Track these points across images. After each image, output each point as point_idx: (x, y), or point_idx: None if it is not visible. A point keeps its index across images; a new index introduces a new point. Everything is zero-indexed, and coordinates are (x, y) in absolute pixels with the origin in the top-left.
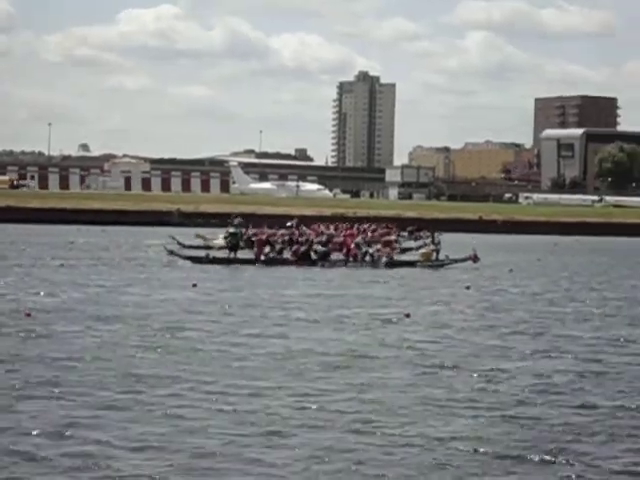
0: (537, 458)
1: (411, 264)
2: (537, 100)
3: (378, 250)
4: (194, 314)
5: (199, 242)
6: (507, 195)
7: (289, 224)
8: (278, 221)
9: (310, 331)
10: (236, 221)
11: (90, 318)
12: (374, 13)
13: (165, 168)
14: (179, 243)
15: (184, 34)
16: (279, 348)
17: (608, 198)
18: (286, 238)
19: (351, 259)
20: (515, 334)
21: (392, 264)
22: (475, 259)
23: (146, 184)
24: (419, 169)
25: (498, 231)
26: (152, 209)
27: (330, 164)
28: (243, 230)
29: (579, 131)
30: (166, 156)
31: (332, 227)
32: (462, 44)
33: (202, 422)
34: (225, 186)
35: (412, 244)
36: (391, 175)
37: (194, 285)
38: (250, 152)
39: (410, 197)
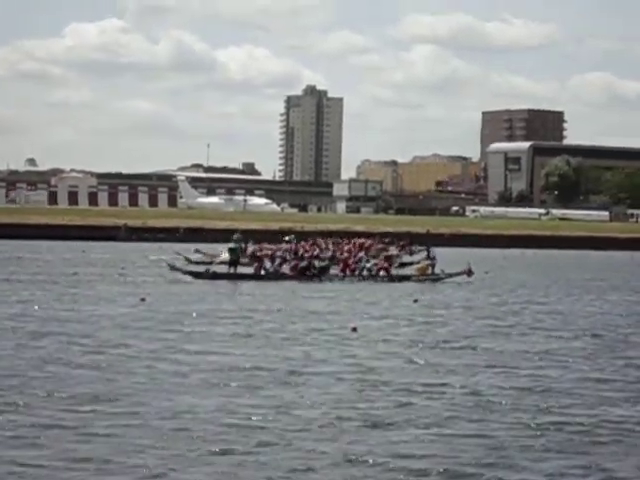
0: (466, 474)
1: (407, 278)
2: (484, 113)
3: (375, 264)
4: (128, 330)
5: (205, 258)
6: (454, 208)
7: (287, 239)
8: (224, 235)
9: (245, 347)
10: (235, 237)
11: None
12: (321, 26)
13: (112, 183)
14: (186, 258)
15: (130, 48)
16: (209, 365)
17: (554, 211)
18: (290, 253)
19: (349, 273)
20: (452, 349)
21: (390, 278)
22: (469, 273)
23: (93, 199)
24: (367, 183)
25: (445, 244)
26: (99, 224)
27: (278, 178)
28: (242, 245)
29: (526, 144)
30: (113, 170)
31: (330, 242)
32: (409, 57)
33: (136, 440)
34: (173, 201)
35: (409, 258)
36: (339, 189)
37: (142, 299)
38: (197, 166)
39: (358, 211)
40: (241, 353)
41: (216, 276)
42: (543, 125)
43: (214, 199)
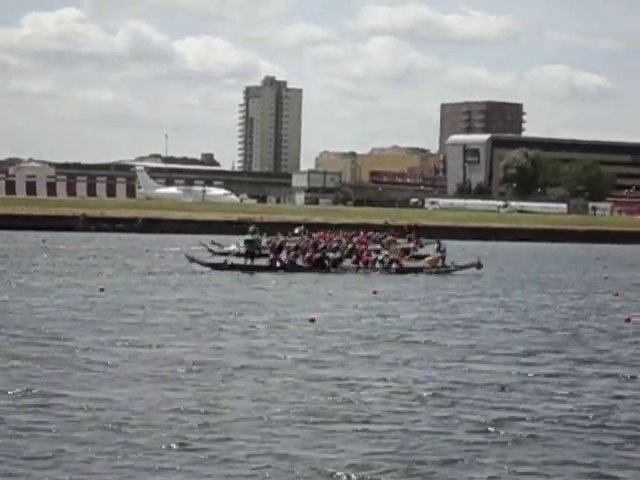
0: (389, 472)
1: (419, 270)
2: (443, 105)
3: (387, 256)
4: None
5: (230, 249)
6: (413, 200)
7: (297, 231)
8: (182, 226)
9: (191, 339)
10: (251, 229)
11: None
12: (279, 18)
13: (70, 173)
14: (209, 250)
15: (87, 37)
16: (146, 357)
17: (513, 204)
18: (309, 244)
19: (362, 265)
20: (395, 342)
21: (401, 270)
22: (479, 266)
23: (51, 189)
24: (325, 174)
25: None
26: (58, 214)
27: (237, 169)
28: (259, 237)
29: (484, 137)
30: (71, 160)
31: (341, 235)
32: (366, 49)
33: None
34: (131, 191)
35: (419, 251)
36: (298, 180)
37: (101, 290)
38: (156, 157)
39: (317, 202)
40: (184, 345)
41: (233, 267)
42: (502, 117)
43: (173, 190)
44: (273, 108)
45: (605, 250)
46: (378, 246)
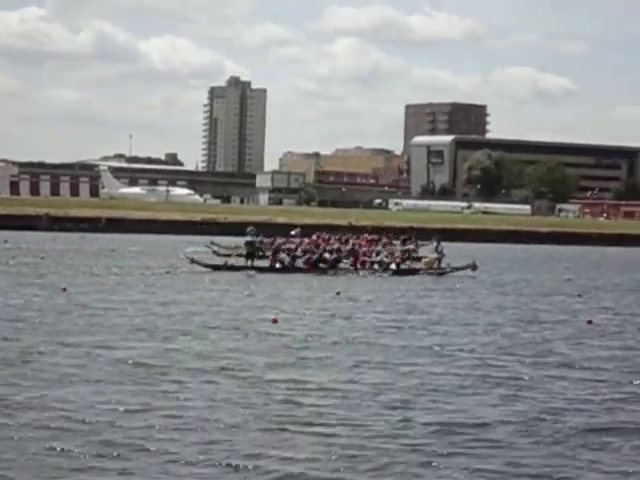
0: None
1: (415, 272)
2: (407, 106)
3: (386, 257)
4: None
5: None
6: (377, 201)
7: (293, 233)
8: (146, 226)
9: (147, 340)
10: (250, 229)
11: None
12: (244, 18)
13: (34, 172)
14: (214, 252)
15: (51, 36)
16: (104, 358)
17: (477, 205)
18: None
19: (360, 266)
20: (348, 344)
21: (399, 272)
22: (474, 267)
23: (14, 188)
24: (289, 175)
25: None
26: (20, 213)
27: (200, 169)
28: (258, 239)
29: (449, 138)
30: (35, 160)
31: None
32: (331, 50)
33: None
34: (95, 190)
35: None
36: (262, 181)
37: (64, 289)
38: (120, 156)
39: (280, 203)
40: (140, 346)
41: (234, 269)
42: (466, 119)
43: (136, 189)
44: (237, 108)
45: (568, 252)
46: (379, 247)
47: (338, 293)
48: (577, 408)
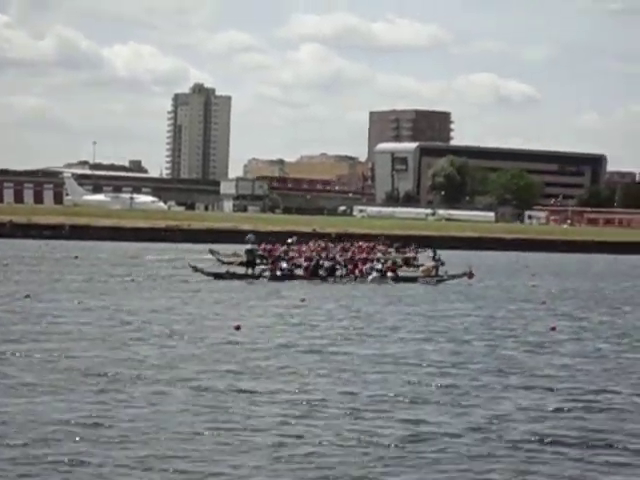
0: None
1: (413, 280)
2: (372, 113)
3: (385, 265)
4: None
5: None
6: (341, 208)
7: (289, 241)
8: (110, 233)
9: (98, 347)
10: (250, 237)
11: None
12: (207, 25)
13: None
14: (218, 260)
15: (14, 43)
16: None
17: (441, 212)
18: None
19: (357, 274)
20: (302, 352)
21: (397, 279)
22: (470, 275)
23: None
24: (254, 181)
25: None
26: None
27: (165, 176)
28: (257, 246)
29: (413, 145)
30: None
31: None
32: (295, 57)
33: None
34: (58, 197)
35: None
36: (226, 187)
37: (27, 296)
38: (84, 163)
39: (245, 210)
40: (95, 354)
41: (235, 276)
42: (430, 126)
43: (100, 197)
44: (202, 115)
45: (533, 258)
46: (379, 254)
47: (303, 300)
48: (530, 417)
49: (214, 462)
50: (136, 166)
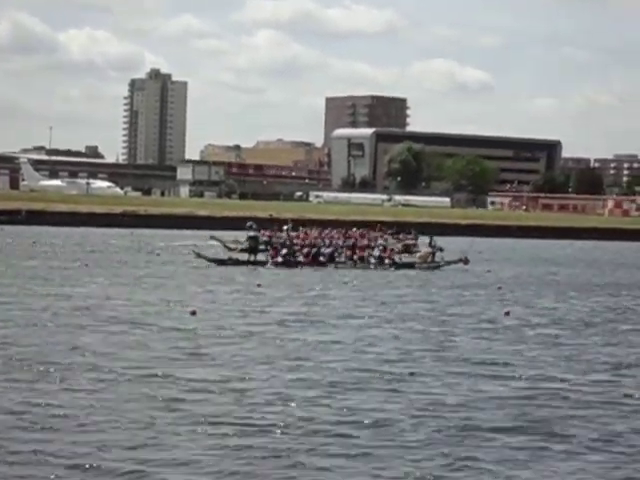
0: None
1: (411, 266)
2: (328, 99)
3: (383, 251)
4: None
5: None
6: (298, 193)
7: (285, 227)
8: (66, 218)
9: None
10: (251, 224)
11: None
12: (163, 10)
13: None
14: (225, 246)
15: None
16: None
17: (397, 197)
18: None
19: (357, 260)
20: (256, 338)
21: (396, 265)
22: (466, 261)
23: None
24: (210, 167)
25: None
26: None
27: (121, 162)
28: (259, 233)
29: (369, 131)
30: None
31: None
32: (251, 42)
33: None
34: (15, 183)
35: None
36: (182, 173)
37: None
38: (40, 149)
39: (202, 195)
40: (33, 342)
41: (237, 263)
42: (386, 112)
43: (57, 182)
44: (158, 101)
45: (487, 244)
46: (380, 241)
47: (259, 285)
48: (471, 404)
49: (160, 449)
50: (92, 152)
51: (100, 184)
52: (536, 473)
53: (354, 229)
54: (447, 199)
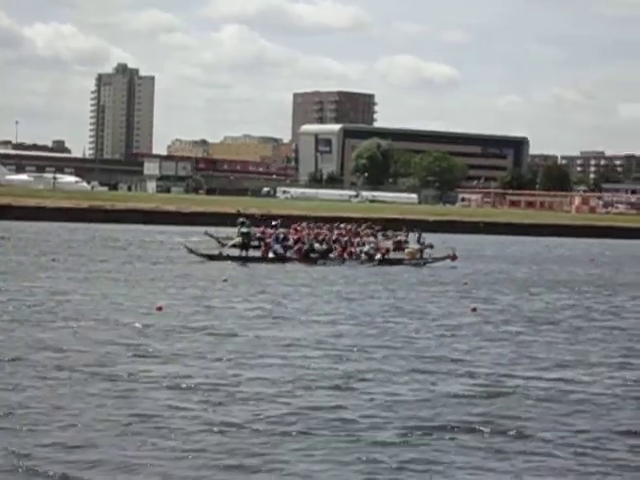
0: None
1: (400, 262)
2: (295, 95)
3: (374, 248)
4: None
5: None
6: (265, 189)
7: (274, 223)
8: (33, 213)
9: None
10: (243, 220)
11: None
12: (129, 4)
13: None
14: (218, 241)
15: None
16: None
17: (365, 193)
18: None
19: (347, 257)
20: (216, 334)
21: (385, 261)
22: (454, 257)
23: None
24: (177, 162)
25: (256, 224)
26: None
27: (88, 156)
28: (252, 229)
29: (336, 127)
30: None
31: (325, 227)
32: (218, 37)
33: None
34: None
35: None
36: (149, 168)
37: None
38: (6, 143)
39: (168, 190)
40: None
41: (228, 258)
42: (353, 107)
43: (23, 176)
44: (125, 95)
45: (454, 240)
46: (372, 238)
47: (225, 280)
48: (428, 402)
49: (100, 450)
50: (59, 146)
51: (67, 179)
52: (493, 473)
53: (341, 225)
54: (415, 195)
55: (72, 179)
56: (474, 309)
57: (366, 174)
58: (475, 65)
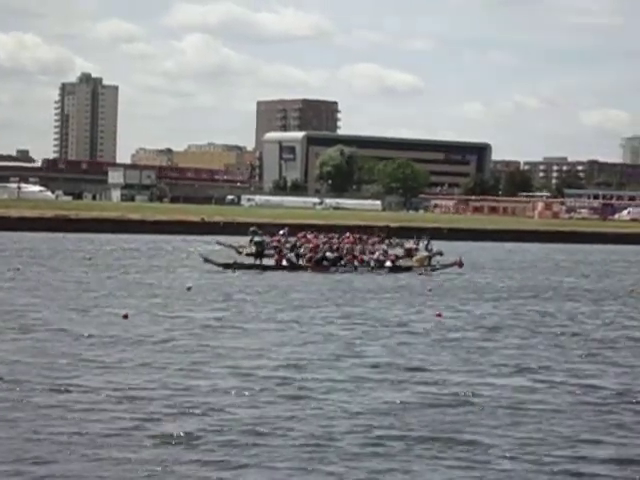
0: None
1: (409, 269)
2: (259, 103)
3: (384, 255)
4: None
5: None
6: (229, 197)
7: (281, 232)
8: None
9: None
10: (255, 230)
11: None
12: (91, 14)
13: None
14: (237, 250)
15: None
16: None
17: (328, 200)
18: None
19: (358, 264)
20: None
21: (395, 269)
22: (460, 265)
23: None
24: (142, 171)
25: (220, 233)
26: None
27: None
28: (265, 238)
29: (300, 134)
30: None
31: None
32: (179, 46)
33: None
34: None
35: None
36: (114, 177)
37: None
38: None
39: (133, 199)
40: None
41: (243, 267)
42: (317, 115)
43: None
44: (89, 105)
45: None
46: (383, 246)
47: (189, 289)
48: (377, 411)
49: (49, 465)
50: (23, 156)
51: (31, 188)
52: None
53: (347, 234)
54: (378, 202)
55: (36, 188)
56: (439, 314)
57: (330, 181)
58: (437, 73)
